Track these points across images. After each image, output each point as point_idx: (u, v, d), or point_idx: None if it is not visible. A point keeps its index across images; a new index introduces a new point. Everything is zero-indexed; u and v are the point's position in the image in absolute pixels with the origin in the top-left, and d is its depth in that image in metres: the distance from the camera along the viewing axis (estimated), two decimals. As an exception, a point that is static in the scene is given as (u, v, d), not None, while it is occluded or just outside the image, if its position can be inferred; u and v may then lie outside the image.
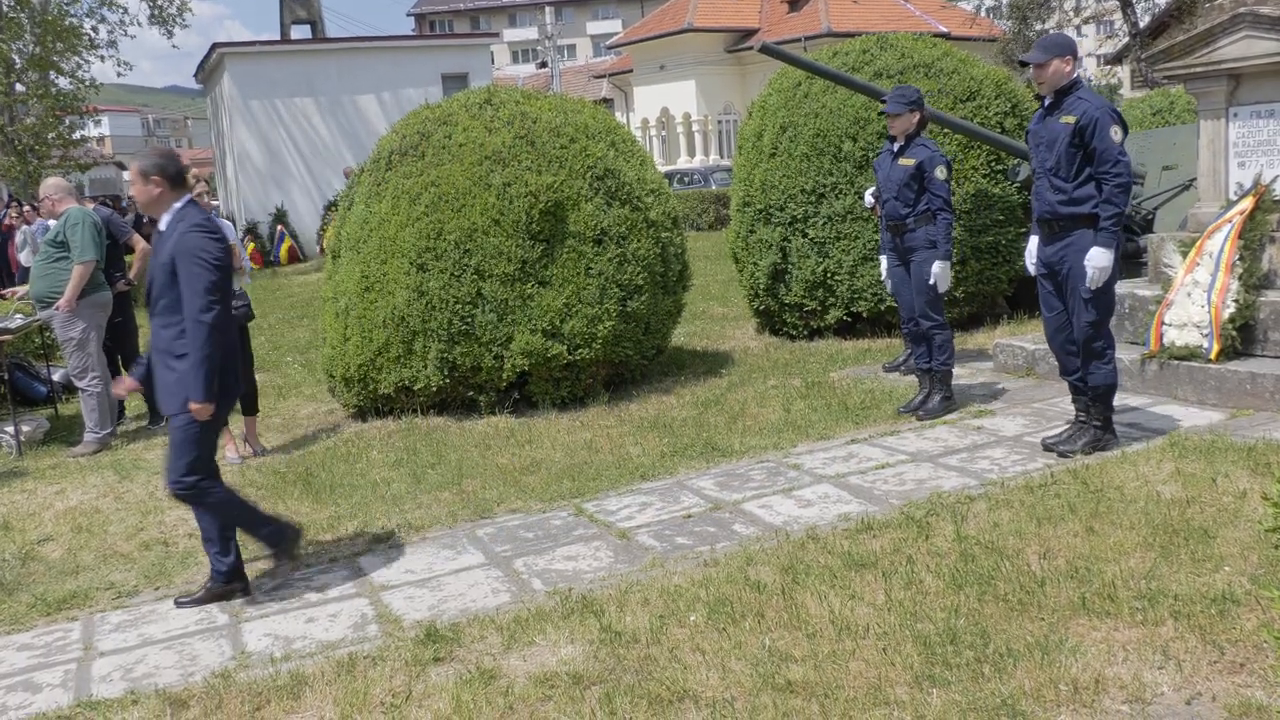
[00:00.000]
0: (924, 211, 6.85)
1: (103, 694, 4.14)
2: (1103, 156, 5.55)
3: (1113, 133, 5.54)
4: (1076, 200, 5.67)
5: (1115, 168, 5.53)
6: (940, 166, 6.80)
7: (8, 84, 25.44)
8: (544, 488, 6.20)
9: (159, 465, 7.53)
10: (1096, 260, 5.61)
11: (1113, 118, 5.55)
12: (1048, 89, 5.78)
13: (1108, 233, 5.60)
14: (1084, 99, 5.66)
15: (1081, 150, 5.61)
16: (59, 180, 8.71)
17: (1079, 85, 5.74)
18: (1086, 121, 5.58)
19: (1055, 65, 5.69)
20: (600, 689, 3.72)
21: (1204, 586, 4.03)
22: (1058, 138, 5.68)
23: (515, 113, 8.35)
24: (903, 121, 8.35)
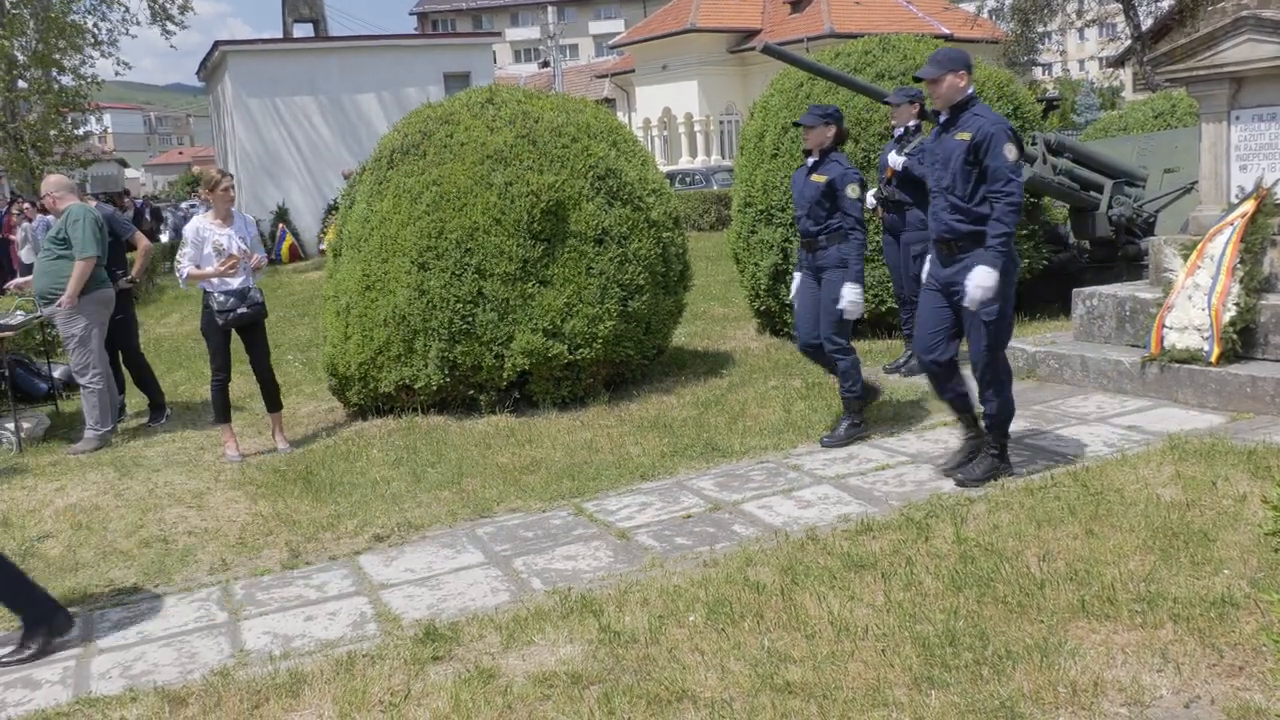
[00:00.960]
0: (836, 229, 6.51)
1: (102, 691, 4.14)
2: (995, 174, 5.32)
3: (1006, 150, 5.31)
4: (975, 220, 5.43)
5: (1007, 186, 5.30)
6: (852, 184, 6.45)
7: (10, 80, 25.43)
8: (544, 487, 6.20)
9: (160, 463, 7.54)
10: (980, 279, 5.33)
11: (1008, 135, 5.34)
12: (942, 104, 5.55)
13: (995, 252, 5.32)
14: (980, 115, 5.44)
15: (976, 168, 5.39)
16: (60, 177, 8.71)
17: (975, 101, 5.54)
18: (981, 138, 5.35)
19: (949, 80, 5.46)
20: (599, 689, 3.72)
21: (1203, 590, 4.03)
22: (952, 155, 5.45)
23: (517, 112, 8.35)
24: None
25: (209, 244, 7.42)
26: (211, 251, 7.40)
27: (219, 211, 7.50)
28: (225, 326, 7.49)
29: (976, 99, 5.56)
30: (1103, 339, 7.85)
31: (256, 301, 7.55)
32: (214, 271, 7.38)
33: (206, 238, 7.40)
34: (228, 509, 6.37)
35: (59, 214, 8.24)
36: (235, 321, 7.48)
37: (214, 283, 7.42)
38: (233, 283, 7.41)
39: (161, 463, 7.54)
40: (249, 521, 6.10)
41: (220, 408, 7.69)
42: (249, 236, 7.60)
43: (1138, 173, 10.07)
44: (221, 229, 7.43)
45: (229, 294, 7.42)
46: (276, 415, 7.82)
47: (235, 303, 7.42)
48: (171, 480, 7.04)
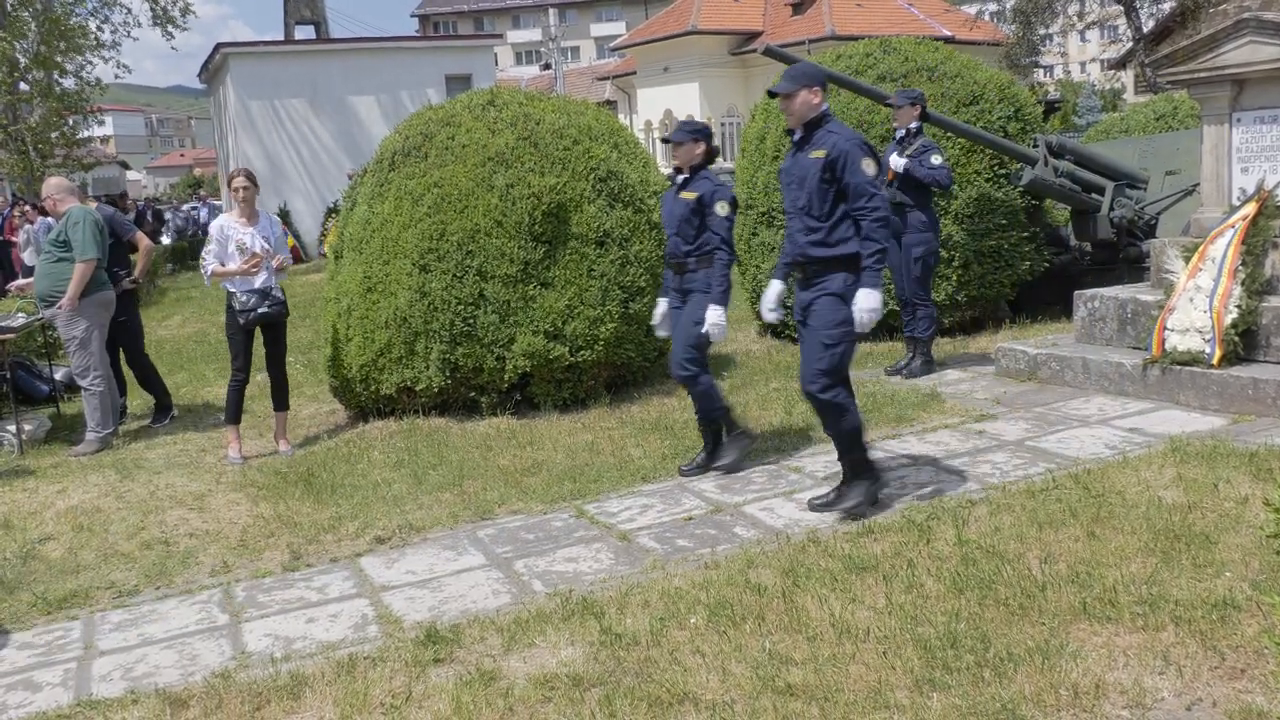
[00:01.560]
0: (707, 251, 6.17)
1: (103, 693, 4.14)
2: (856, 192, 5.11)
3: (865, 166, 5.12)
4: (830, 242, 5.21)
5: (871, 202, 5.10)
6: (722, 202, 6.13)
7: (11, 83, 25.45)
8: (545, 489, 6.20)
9: (161, 465, 7.54)
10: (865, 303, 5.11)
11: (864, 150, 5.15)
12: (795, 121, 5.33)
13: (873, 272, 5.12)
14: (834, 132, 5.23)
15: (834, 186, 5.16)
16: (61, 180, 8.71)
17: (829, 118, 5.32)
18: (836, 155, 5.13)
19: (803, 96, 5.24)
20: (600, 691, 3.72)
21: (1205, 592, 4.02)
22: (808, 174, 5.22)
23: (518, 114, 8.36)
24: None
25: (232, 242, 7.48)
26: (234, 250, 7.46)
27: (243, 210, 7.57)
28: (246, 326, 7.53)
29: (830, 116, 5.35)
30: (1104, 341, 7.85)
31: (278, 301, 7.59)
32: (236, 270, 7.44)
33: (230, 236, 7.48)
34: (229, 511, 6.37)
35: (59, 216, 8.25)
36: (256, 321, 7.52)
37: (236, 281, 7.48)
38: (255, 282, 7.47)
39: (163, 465, 7.54)
40: (250, 523, 6.10)
41: (232, 408, 7.71)
42: (273, 236, 7.64)
43: (1139, 175, 10.07)
44: (245, 228, 7.49)
45: (251, 293, 7.47)
46: (282, 415, 7.84)
47: (256, 301, 7.48)
48: (173, 482, 7.04)
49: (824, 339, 5.21)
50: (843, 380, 5.36)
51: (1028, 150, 9.59)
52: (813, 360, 5.25)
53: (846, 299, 5.17)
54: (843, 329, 5.20)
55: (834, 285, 5.21)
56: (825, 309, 5.23)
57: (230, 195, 7.62)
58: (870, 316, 5.13)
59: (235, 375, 7.68)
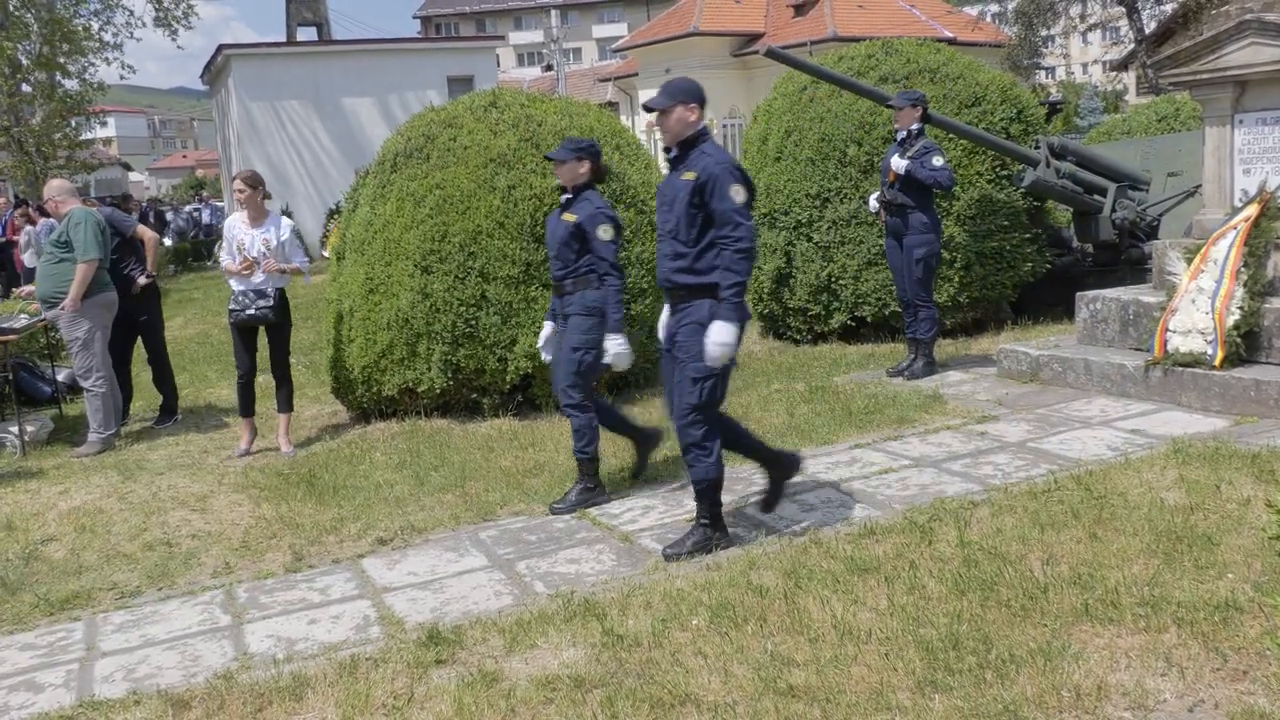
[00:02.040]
0: (584, 274, 5.87)
1: (105, 694, 4.14)
2: (722, 218, 4.80)
3: (733, 192, 4.80)
4: (698, 269, 4.90)
5: (736, 231, 4.78)
6: (604, 225, 5.79)
7: (14, 84, 25.47)
8: (547, 490, 6.20)
9: (163, 466, 7.55)
10: (718, 336, 4.77)
11: (734, 176, 4.83)
12: (670, 139, 5.02)
13: (730, 304, 4.79)
14: (707, 154, 4.91)
15: (702, 211, 4.86)
16: (63, 181, 8.73)
17: (704, 138, 5.02)
18: (705, 179, 4.83)
19: (678, 113, 4.97)
20: (602, 692, 3.72)
21: (1207, 593, 4.02)
22: (678, 196, 4.92)
23: (520, 115, 8.36)
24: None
25: (234, 242, 7.64)
26: (235, 249, 7.61)
27: (250, 211, 7.67)
28: (232, 324, 7.67)
29: (707, 135, 5.05)
30: (1106, 342, 7.84)
31: (265, 306, 7.60)
32: (233, 270, 7.57)
33: (234, 235, 7.65)
34: (231, 512, 6.37)
35: (61, 218, 8.26)
36: (240, 321, 7.63)
37: (236, 281, 7.61)
38: (253, 282, 7.56)
39: (165, 466, 7.54)
40: (252, 525, 6.10)
41: (240, 403, 7.90)
42: (276, 239, 7.66)
43: (1141, 176, 10.07)
44: (248, 229, 7.57)
45: (244, 293, 7.59)
46: (284, 417, 7.88)
47: (248, 302, 7.58)
48: (175, 483, 7.04)
49: (691, 373, 4.91)
50: (713, 417, 5.02)
51: (1029, 152, 9.59)
52: (683, 394, 4.95)
53: None
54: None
55: (698, 314, 4.90)
56: (690, 340, 4.92)
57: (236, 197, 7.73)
58: (721, 350, 4.78)
59: (238, 375, 7.85)
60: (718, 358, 4.81)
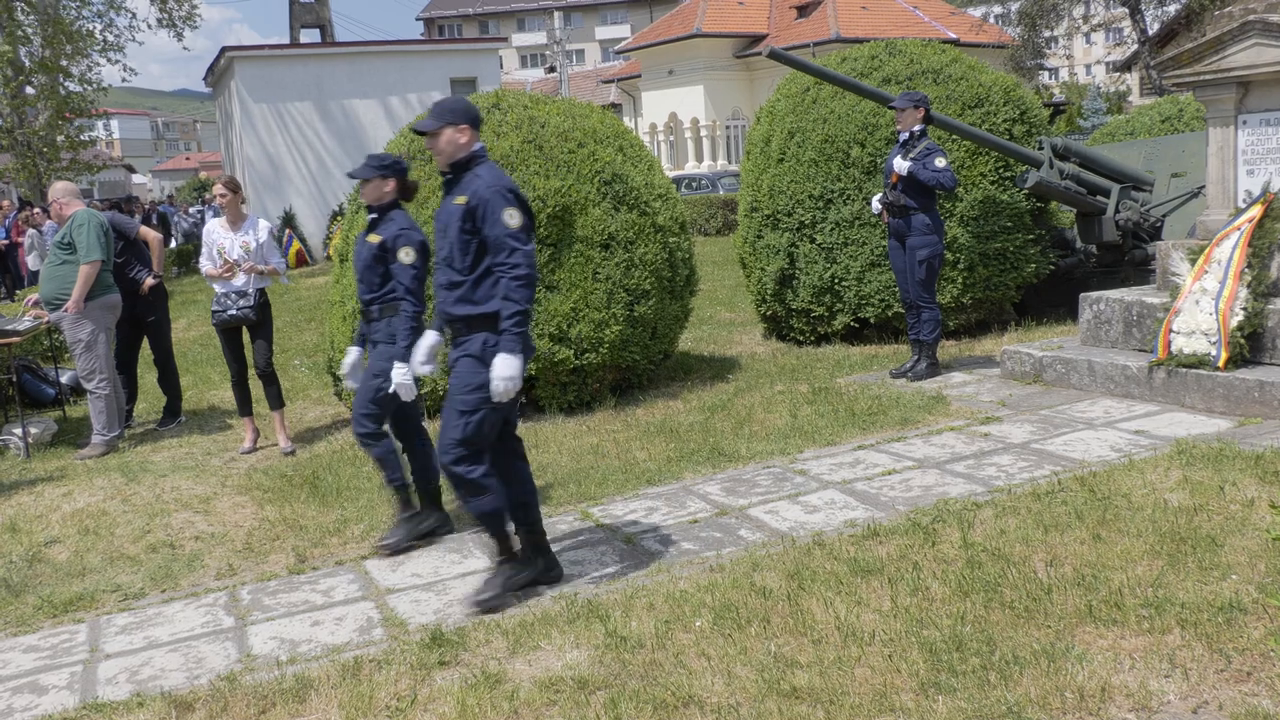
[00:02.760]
0: (391, 299, 5.54)
1: (108, 696, 4.15)
2: (496, 245, 4.55)
3: (507, 217, 4.54)
4: (475, 299, 4.64)
5: (512, 257, 4.52)
6: (406, 248, 5.41)
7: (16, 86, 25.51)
8: (550, 492, 6.20)
9: (166, 468, 7.55)
10: (501, 370, 4.50)
11: (507, 199, 4.57)
12: (443, 162, 4.76)
13: (512, 336, 4.52)
14: (479, 176, 4.66)
15: (475, 237, 4.61)
16: (67, 184, 8.74)
17: (479, 159, 4.74)
18: (476, 203, 4.59)
19: (447, 135, 4.69)
20: (605, 694, 3.72)
21: (1211, 595, 4.02)
22: (450, 222, 4.68)
23: (523, 117, 8.37)
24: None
25: (214, 246, 7.78)
26: (216, 253, 7.75)
27: (229, 215, 7.78)
28: (215, 325, 7.83)
29: (482, 157, 4.77)
30: (1109, 344, 7.84)
31: (244, 307, 7.71)
32: (216, 274, 7.71)
33: (214, 240, 7.78)
34: (234, 514, 6.38)
35: (64, 220, 8.27)
36: (223, 322, 7.78)
37: (219, 283, 7.76)
38: (235, 284, 7.68)
39: (168, 468, 7.55)
40: (256, 526, 6.11)
41: (238, 401, 8.06)
42: (255, 241, 7.77)
43: (1144, 177, 10.06)
44: (227, 232, 7.70)
45: (225, 294, 7.73)
46: (277, 414, 7.99)
47: (228, 304, 7.71)
48: (178, 485, 7.05)
49: (459, 405, 4.62)
50: (481, 452, 4.70)
51: (1033, 153, 9.58)
52: (448, 428, 4.64)
53: (487, 361, 4.58)
54: (479, 394, 4.58)
55: (474, 346, 4.63)
56: (463, 372, 4.64)
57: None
58: (507, 385, 4.51)
59: (230, 374, 8.04)
60: (503, 392, 4.53)
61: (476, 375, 4.59)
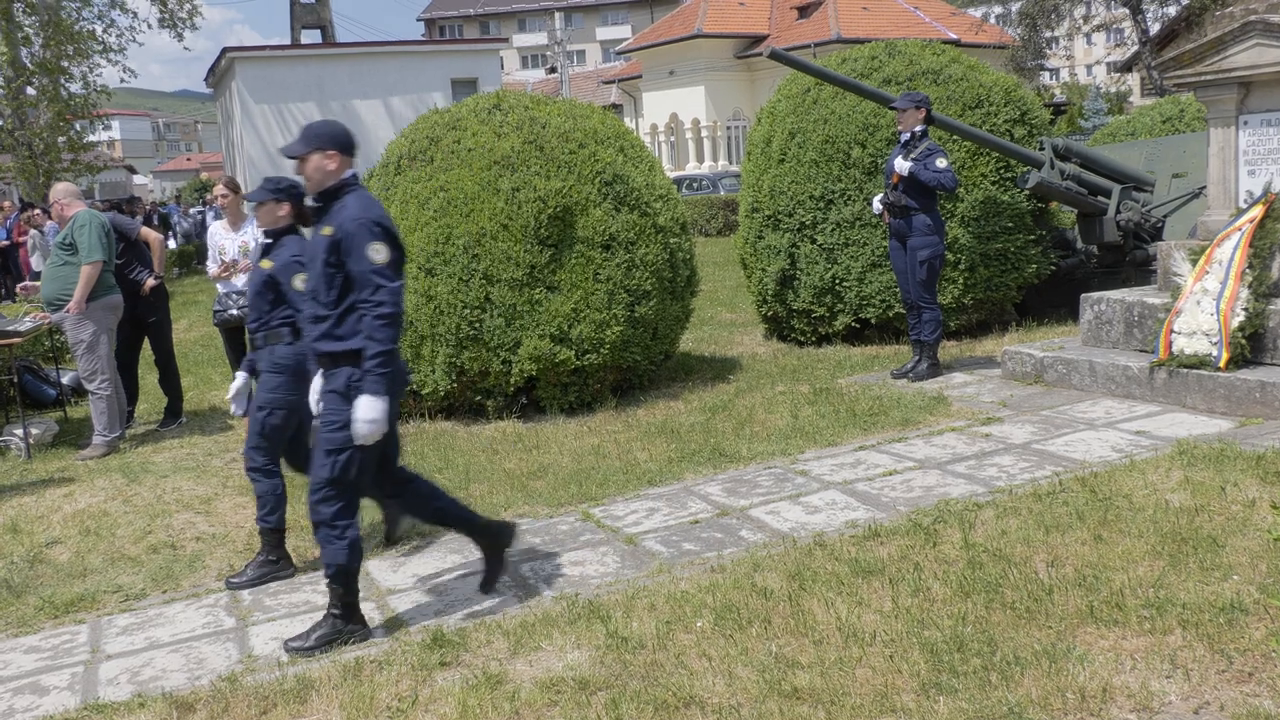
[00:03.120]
0: (277, 326, 5.31)
1: (110, 697, 4.15)
2: (360, 280, 4.34)
3: (372, 251, 4.32)
4: (339, 334, 4.43)
5: (376, 294, 4.32)
6: (301, 275, 4.97)
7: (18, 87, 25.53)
8: (551, 493, 6.20)
9: (167, 469, 7.55)
10: (364, 412, 4.30)
11: (373, 233, 4.35)
12: (311, 189, 4.57)
13: (375, 377, 4.32)
14: (347, 207, 4.44)
15: (341, 271, 4.39)
16: (68, 185, 8.75)
17: (350, 188, 4.51)
18: (341, 236, 4.37)
19: (315, 161, 4.49)
20: (606, 694, 3.72)
21: (1212, 595, 4.01)
22: (316, 254, 4.47)
23: (524, 118, 8.37)
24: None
25: (215, 247, 7.97)
26: (217, 254, 7.76)
27: (229, 216, 7.80)
28: (217, 325, 7.97)
29: (353, 186, 4.54)
30: (1110, 344, 7.84)
31: (244, 306, 7.74)
32: (216, 274, 7.89)
33: (216, 242, 7.81)
34: (235, 515, 6.38)
35: (66, 221, 8.27)
36: (222, 322, 7.97)
37: (221, 283, 7.82)
38: (236, 283, 7.70)
39: (170, 468, 7.55)
40: (257, 527, 6.10)
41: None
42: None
43: (1146, 178, 10.06)
44: (228, 233, 7.74)
45: (225, 294, 7.86)
46: None
47: (229, 303, 7.85)
48: (179, 486, 7.05)
49: (325, 444, 4.45)
50: (352, 497, 4.53)
51: (1034, 153, 9.58)
52: (317, 467, 4.48)
53: (351, 399, 4.39)
54: (345, 433, 4.39)
55: (339, 382, 4.44)
56: (329, 410, 4.47)
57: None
58: (369, 429, 4.32)
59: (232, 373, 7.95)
60: (365, 435, 4.33)
61: (341, 413, 4.40)
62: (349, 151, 4.56)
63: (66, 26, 25.89)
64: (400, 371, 4.58)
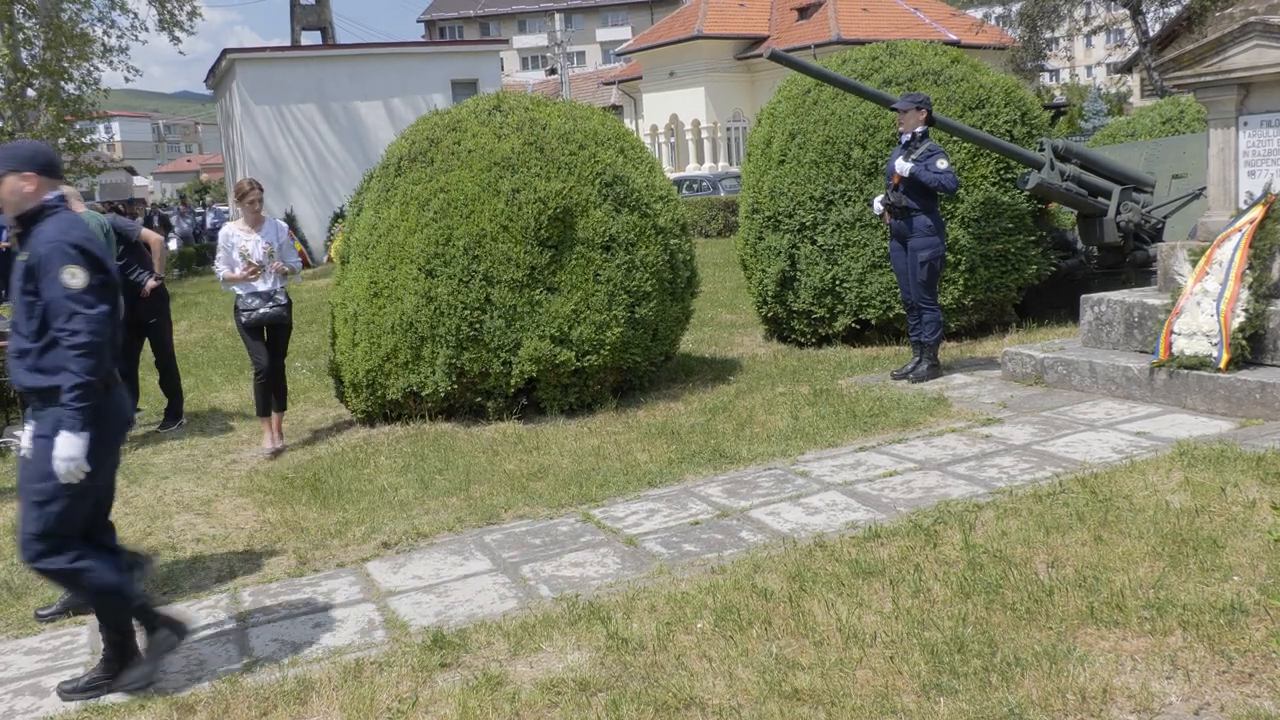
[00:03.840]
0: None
1: (110, 699, 4.15)
2: (54, 309, 3.98)
3: (67, 276, 3.96)
4: (44, 368, 4.06)
5: (72, 323, 3.95)
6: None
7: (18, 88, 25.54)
8: (552, 494, 6.20)
9: (168, 470, 7.56)
10: (62, 450, 3.93)
11: (69, 256, 3.99)
12: (9, 213, 4.22)
13: (71, 412, 3.93)
14: (43, 230, 4.10)
15: (39, 299, 4.05)
16: (68, 186, 8.73)
17: (51, 211, 4.17)
18: (35, 261, 4.03)
19: (10, 183, 4.14)
20: (606, 696, 3.72)
21: (1212, 596, 4.01)
22: (15, 282, 4.12)
23: (524, 119, 8.37)
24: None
25: (235, 249, 7.80)
26: (238, 256, 7.77)
27: (247, 218, 7.86)
28: (248, 324, 7.81)
29: (54, 209, 4.18)
30: (1111, 345, 7.84)
31: (280, 304, 7.86)
32: (239, 276, 7.75)
33: (235, 244, 7.80)
34: (236, 516, 6.38)
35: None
36: (256, 321, 7.80)
37: (242, 286, 7.81)
38: (259, 285, 7.77)
39: (170, 470, 7.55)
40: (257, 529, 6.11)
41: (260, 403, 8.03)
42: (277, 242, 7.88)
43: (1146, 179, 10.06)
44: (249, 235, 7.73)
45: (254, 296, 7.77)
46: (278, 416, 8.06)
47: (258, 304, 7.77)
48: (180, 487, 7.05)
49: (33, 495, 4.05)
50: (69, 538, 4.12)
51: (1034, 154, 9.58)
52: (25, 522, 4.09)
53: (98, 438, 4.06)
54: (55, 482, 4.00)
55: (47, 425, 4.04)
56: (36, 457, 4.07)
57: (241, 205, 7.91)
58: (68, 466, 3.94)
59: (256, 374, 7.98)
60: (65, 474, 3.96)
61: (49, 460, 4.00)
62: (50, 173, 4.23)
63: (66, 28, 25.90)
64: (114, 406, 4.19)
